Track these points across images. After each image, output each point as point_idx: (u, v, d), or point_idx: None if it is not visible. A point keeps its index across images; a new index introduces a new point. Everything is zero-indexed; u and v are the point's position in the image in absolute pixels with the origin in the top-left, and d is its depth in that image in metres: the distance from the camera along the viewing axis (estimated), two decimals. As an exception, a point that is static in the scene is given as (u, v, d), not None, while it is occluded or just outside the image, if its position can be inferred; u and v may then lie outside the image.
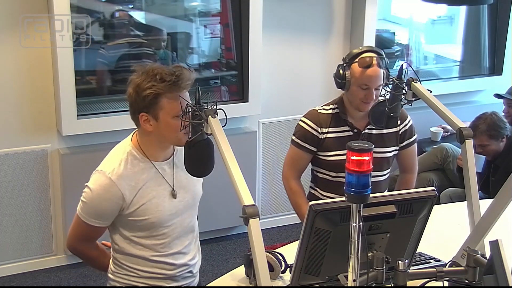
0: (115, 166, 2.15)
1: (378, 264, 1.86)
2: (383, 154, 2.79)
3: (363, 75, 2.65)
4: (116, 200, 2.14)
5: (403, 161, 2.93)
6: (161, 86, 2.08)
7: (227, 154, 1.85)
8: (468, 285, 1.94)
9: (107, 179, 2.13)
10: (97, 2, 3.96)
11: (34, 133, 3.74)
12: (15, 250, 3.84)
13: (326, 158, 2.78)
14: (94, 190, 2.15)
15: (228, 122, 1.95)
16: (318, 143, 2.78)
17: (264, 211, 4.37)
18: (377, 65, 2.64)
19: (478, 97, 5.04)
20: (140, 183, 2.17)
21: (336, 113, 2.78)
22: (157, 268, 2.26)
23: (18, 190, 3.75)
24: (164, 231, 2.23)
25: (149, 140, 2.20)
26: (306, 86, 4.37)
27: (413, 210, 1.97)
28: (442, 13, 5.27)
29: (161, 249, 2.25)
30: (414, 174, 2.96)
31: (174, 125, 2.11)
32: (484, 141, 3.80)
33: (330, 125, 2.77)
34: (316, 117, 2.79)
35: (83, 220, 2.19)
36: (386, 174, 2.86)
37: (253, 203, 1.73)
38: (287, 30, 4.25)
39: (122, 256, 2.26)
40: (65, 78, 3.57)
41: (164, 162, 2.24)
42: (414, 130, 2.89)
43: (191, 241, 2.34)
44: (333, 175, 2.79)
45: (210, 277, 3.61)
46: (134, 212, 2.17)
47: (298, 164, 2.85)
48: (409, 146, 2.88)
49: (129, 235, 2.22)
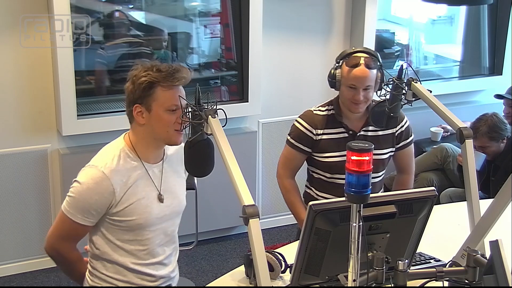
0: (108, 161, 2.13)
1: (378, 264, 1.85)
2: (379, 156, 2.78)
3: (349, 75, 2.65)
4: (107, 195, 2.10)
5: (399, 162, 2.92)
6: (156, 75, 2.09)
7: (227, 154, 1.85)
8: (468, 285, 1.94)
9: (100, 172, 2.10)
10: (97, 2, 3.96)
11: (34, 133, 3.74)
12: (15, 250, 3.84)
13: (321, 159, 2.78)
14: (85, 184, 2.11)
15: (228, 122, 1.95)
16: (313, 144, 2.78)
17: (264, 211, 4.37)
18: (365, 66, 2.62)
19: (478, 97, 5.04)
20: (130, 181, 2.15)
21: (332, 115, 2.77)
22: (137, 278, 2.22)
23: (18, 190, 3.75)
24: (148, 236, 2.20)
25: (141, 136, 2.17)
26: (306, 86, 4.37)
27: (413, 210, 1.97)
28: (442, 13, 5.27)
29: (144, 255, 2.21)
30: (411, 175, 2.95)
31: (166, 119, 2.11)
32: (485, 143, 3.80)
33: (326, 127, 2.76)
34: (311, 118, 2.79)
35: (68, 216, 2.14)
36: (381, 176, 2.85)
37: (253, 203, 1.73)
38: (287, 30, 4.25)
39: (100, 264, 2.21)
40: (65, 78, 3.57)
41: (155, 165, 2.22)
42: (411, 131, 2.88)
43: (172, 252, 2.32)
44: (328, 176, 2.79)
45: (210, 277, 3.61)
46: (121, 211, 2.14)
47: (292, 164, 2.85)
48: (405, 147, 2.87)
49: (112, 238, 2.18)
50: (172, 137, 2.14)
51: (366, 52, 2.69)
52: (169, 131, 2.12)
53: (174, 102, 2.09)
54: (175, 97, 2.09)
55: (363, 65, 2.62)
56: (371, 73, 2.63)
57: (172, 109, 2.10)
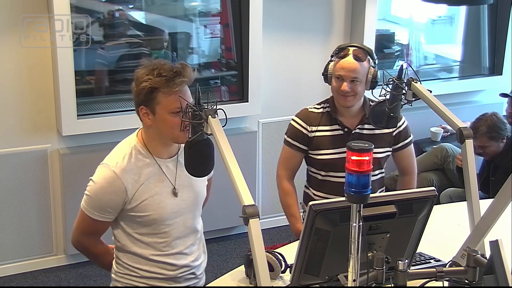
0: (119, 160, 2.16)
1: (378, 264, 1.85)
2: (374, 155, 2.76)
3: (336, 65, 2.68)
4: (120, 193, 2.15)
5: (400, 163, 2.91)
6: (156, 81, 2.10)
7: (227, 154, 1.85)
8: (468, 285, 1.94)
9: (111, 172, 2.14)
10: (97, 2, 3.96)
11: (34, 133, 3.74)
12: (15, 250, 3.84)
13: (316, 156, 2.78)
14: (98, 183, 2.16)
15: (228, 122, 1.95)
16: (308, 141, 2.78)
17: (264, 211, 4.37)
18: (354, 57, 2.65)
19: (478, 97, 5.04)
20: (142, 178, 2.18)
21: (327, 112, 2.78)
22: (158, 268, 2.26)
23: (18, 190, 3.75)
24: (166, 230, 2.23)
25: (151, 135, 2.21)
26: (306, 86, 4.37)
27: (413, 210, 1.97)
28: (442, 13, 5.27)
29: (163, 248, 2.25)
30: (414, 175, 2.94)
31: (171, 121, 2.12)
32: (484, 143, 3.80)
33: (320, 124, 2.77)
34: (306, 115, 2.80)
35: (87, 214, 2.20)
36: (378, 175, 2.84)
37: (253, 203, 1.73)
38: (287, 30, 4.25)
39: (123, 255, 2.26)
40: (65, 78, 3.57)
41: (169, 160, 2.24)
42: (410, 131, 2.87)
43: (194, 242, 2.34)
44: (323, 173, 2.79)
45: (210, 277, 3.58)
46: (136, 208, 2.17)
47: (290, 163, 2.85)
48: (404, 147, 2.86)
49: (131, 231, 2.23)
50: (179, 137, 2.15)
51: (358, 46, 2.71)
52: (175, 132, 2.13)
53: (177, 105, 2.10)
54: (178, 100, 2.10)
55: (351, 56, 2.65)
56: (359, 65, 2.64)
57: (176, 111, 2.11)
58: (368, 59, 2.69)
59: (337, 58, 2.70)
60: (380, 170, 2.85)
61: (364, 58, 2.66)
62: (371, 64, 2.70)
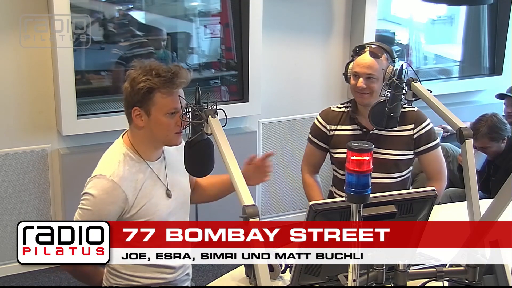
0: (115, 168, 2.12)
1: (378, 264, 1.85)
2: (390, 156, 2.73)
3: (354, 62, 2.70)
4: (120, 203, 2.11)
5: (426, 168, 2.82)
6: (155, 81, 2.09)
7: (227, 154, 1.85)
8: (468, 285, 1.94)
9: (109, 181, 2.10)
10: (97, 2, 3.96)
11: (34, 133, 3.74)
12: (15, 250, 3.82)
13: (335, 155, 2.81)
14: (97, 196, 2.10)
15: (228, 122, 1.95)
16: (328, 140, 2.82)
17: (264, 211, 4.36)
18: (370, 53, 2.65)
19: (478, 97, 5.04)
20: (139, 184, 2.16)
21: (348, 112, 2.80)
22: (158, 272, 2.24)
23: (18, 190, 3.75)
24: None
25: (140, 137, 2.18)
26: (306, 86, 4.37)
27: (413, 210, 1.97)
28: (442, 13, 5.27)
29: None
30: (441, 181, 2.80)
31: (165, 123, 2.11)
32: (485, 144, 3.79)
33: (339, 123, 2.80)
34: (327, 114, 2.84)
35: None
36: (397, 178, 2.77)
37: (253, 203, 1.72)
38: (287, 30, 4.25)
39: (120, 265, 2.22)
40: (65, 78, 3.56)
41: (157, 161, 2.23)
42: (435, 134, 2.79)
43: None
44: (342, 172, 2.79)
45: (210, 277, 3.60)
46: (136, 215, 2.15)
47: (311, 160, 2.90)
48: (428, 151, 2.77)
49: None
50: (172, 140, 2.15)
51: (377, 44, 2.71)
52: (169, 134, 2.13)
53: (174, 106, 2.10)
54: (175, 101, 2.10)
55: (367, 53, 2.66)
56: (375, 61, 2.65)
57: (171, 112, 2.11)
58: (386, 57, 2.68)
59: (354, 55, 2.72)
60: (400, 173, 2.77)
61: (381, 54, 2.66)
62: (389, 62, 2.68)
